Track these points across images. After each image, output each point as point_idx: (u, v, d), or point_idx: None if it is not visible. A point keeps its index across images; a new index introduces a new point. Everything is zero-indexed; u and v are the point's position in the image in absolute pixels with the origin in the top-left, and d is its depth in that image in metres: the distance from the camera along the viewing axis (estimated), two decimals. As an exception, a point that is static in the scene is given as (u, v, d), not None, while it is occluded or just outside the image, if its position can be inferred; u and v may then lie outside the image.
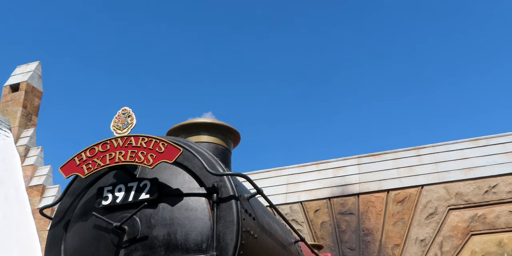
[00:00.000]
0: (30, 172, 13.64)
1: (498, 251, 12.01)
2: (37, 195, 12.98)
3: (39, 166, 13.99)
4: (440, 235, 12.57)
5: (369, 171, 14.11)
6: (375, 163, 14.19)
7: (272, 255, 4.32)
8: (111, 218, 3.90)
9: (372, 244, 13.17)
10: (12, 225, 11.45)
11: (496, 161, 12.90)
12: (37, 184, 13.33)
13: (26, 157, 14.14)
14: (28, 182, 13.46)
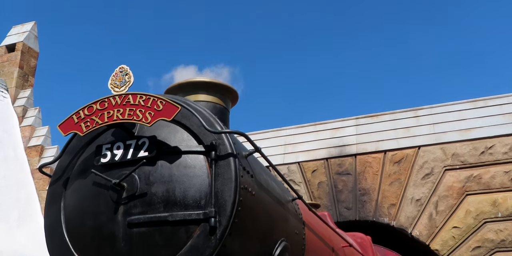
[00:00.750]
0: (28, 132, 13.66)
1: (493, 210, 12.18)
2: (35, 156, 13.04)
3: (37, 127, 14.01)
4: (435, 195, 12.71)
5: (366, 132, 14.16)
6: (372, 124, 14.24)
7: (269, 211, 4.37)
8: (110, 176, 3.93)
9: (368, 203, 13.33)
10: (11, 185, 11.55)
11: (493, 122, 12.94)
12: (36, 144, 13.38)
13: (24, 117, 14.15)
14: (27, 142, 13.50)
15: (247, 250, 4.10)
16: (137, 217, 3.77)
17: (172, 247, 3.70)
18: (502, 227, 11.97)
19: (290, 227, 4.85)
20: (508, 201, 12.10)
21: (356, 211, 13.39)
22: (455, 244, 12.26)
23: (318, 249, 5.74)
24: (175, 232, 3.72)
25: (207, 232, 3.67)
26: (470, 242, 12.14)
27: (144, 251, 3.73)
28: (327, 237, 6.31)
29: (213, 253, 3.65)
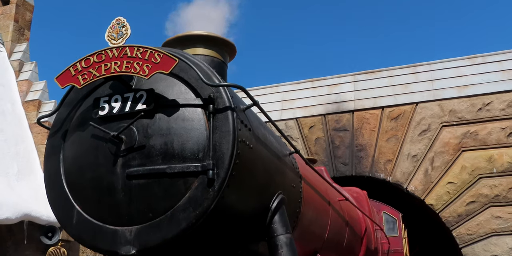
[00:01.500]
0: (25, 87, 13.61)
1: (488, 166, 12.30)
2: (33, 110, 13.03)
3: (34, 81, 13.95)
4: (432, 151, 12.81)
5: (364, 88, 14.14)
6: (370, 81, 14.20)
7: (267, 165, 4.41)
8: (108, 128, 3.94)
9: (365, 159, 13.44)
10: (10, 139, 11.58)
11: (492, 79, 12.91)
12: (33, 99, 13.35)
13: (21, 72, 14.06)
14: (24, 97, 13.47)
15: (245, 202, 4.15)
16: (136, 169, 3.80)
17: (171, 198, 3.75)
18: (497, 183, 12.12)
19: (287, 180, 4.91)
20: (503, 157, 12.21)
21: (353, 167, 13.52)
22: (449, 199, 12.44)
23: (314, 202, 5.82)
24: (174, 184, 3.76)
25: (205, 184, 3.71)
26: (465, 197, 12.32)
27: (143, 202, 3.78)
28: (324, 191, 6.38)
29: (211, 204, 3.70)
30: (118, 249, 3.79)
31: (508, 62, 12.97)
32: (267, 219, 4.42)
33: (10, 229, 10.32)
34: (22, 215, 9.88)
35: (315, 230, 5.95)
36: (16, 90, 13.36)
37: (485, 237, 12.02)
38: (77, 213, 3.98)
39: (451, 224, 12.43)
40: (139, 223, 3.78)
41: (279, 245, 4.34)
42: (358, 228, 8.20)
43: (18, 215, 9.83)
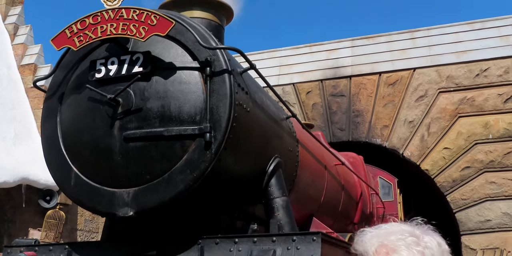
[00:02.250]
0: (20, 51, 13.49)
1: (484, 132, 12.35)
2: (29, 74, 12.96)
3: (29, 45, 13.81)
4: (428, 117, 12.83)
5: (362, 53, 14.07)
6: (368, 46, 14.11)
7: (264, 128, 4.42)
8: (105, 91, 3.93)
9: (361, 125, 13.47)
10: (6, 103, 11.55)
11: (490, 45, 12.85)
12: (29, 63, 13.25)
13: (16, 35, 13.91)
14: (19, 61, 13.36)
15: (241, 165, 4.18)
16: (133, 132, 3.81)
17: (168, 161, 3.76)
18: (492, 149, 12.19)
19: (284, 144, 4.93)
20: (499, 123, 12.25)
21: (349, 132, 13.56)
22: (445, 164, 12.53)
23: (311, 166, 5.86)
24: (171, 147, 3.77)
25: (202, 147, 3.73)
26: (460, 162, 12.41)
27: (140, 164, 3.79)
28: (320, 155, 6.42)
29: (208, 167, 3.72)
30: (116, 211, 3.83)
31: (507, 28, 12.88)
32: (263, 182, 4.45)
33: (8, 193, 10.39)
34: (20, 179, 9.93)
35: (311, 194, 6.01)
36: (12, 54, 13.24)
37: (479, 202, 12.16)
38: (75, 175, 4.00)
39: (445, 189, 12.55)
40: (137, 185, 3.81)
41: (275, 208, 4.38)
42: (354, 192, 8.27)
43: (16, 179, 9.89)
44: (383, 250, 1.77)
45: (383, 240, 1.79)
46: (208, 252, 3.81)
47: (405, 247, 1.75)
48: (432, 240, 1.76)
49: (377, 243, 1.79)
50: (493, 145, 12.23)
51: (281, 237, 3.78)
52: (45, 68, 13.36)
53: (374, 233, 1.83)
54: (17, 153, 10.53)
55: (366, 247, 1.81)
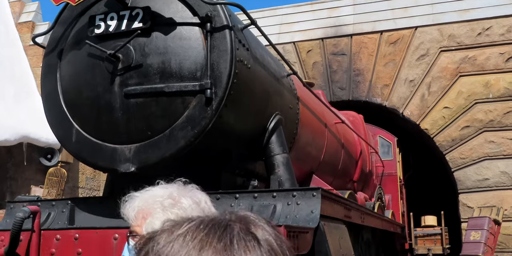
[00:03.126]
0: (18, 8, 13.32)
1: (484, 92, 12.32)
2: (27, 32, 12.82)
3: (26, 2, 13.63)
4: (429, 76, 12.78)
5: (363, 12, 13.89)
6: (370, 4, 13.92)
7: (265, 85, 4.41)
8: (104, 47, 3.90)
9: (362, 84, 13.43)
10: (5, 62, 11.47)
11: (493, 3, 12.67)
12: (26, 20, 13.10)
13: (12, -8, 13.70)
14: (17, 19, 13.21)
15: (242, 122, 4.19)
16: (134, 88, 3.80)
17: (169, 117, 3.77)
18: (492, 108, 12.19)
19: (285, 101, 4.92)
20: (500, 83, 12.21)
21: (350, 91, 13.53)
22: (444, 123, 12.54)
23: (311, 124, 5.86)
24: (172, 103, 3.77)
25: (203, 103, 3.72)
26: (460, 122, 12.42)
27: (141, 121, 3.80)
28: (321, 113, 6.42)
29: (209, 123, 3.73)
30: (117, 167, 3.86)
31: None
32: (264, 139, 4.47)
33: (9, 151, 10.44)
34: (20, 137, 9.97)
35: (311, 152, 6.04)
36: (9, 12, 13.07)
37: (478, 161, 12.24)
38: (76, 131, 4.01)
39: (444, 148, 12.61)
40: (138, 142, 3.83)
41: (276, 165, 4.41)
42: (354, 150, 8.31)
43: (17, 137, 9.93)
44: (140, 215, 1.74)
45: (143, 205, 1.75)
46: (209, 207, 3.86)
47: (160, 210, 1.71)
48: (188, 200, 1.74)
49: (137, 208, 1.76)
50: (493, 105, 12.21)
51: (281, 192, 3.83)
52: (43, 26, 13.22)
53: (139, 197, 1.80)
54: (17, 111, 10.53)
55: (129, 212, 1.80)
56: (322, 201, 3.74)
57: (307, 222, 3.59)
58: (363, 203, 7.47)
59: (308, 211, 3.67)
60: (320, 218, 3.67)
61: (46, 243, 3.36)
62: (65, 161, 10.65)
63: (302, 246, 3.35)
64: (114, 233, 3.23)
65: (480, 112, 12.27)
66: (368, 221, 6.63)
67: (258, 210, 3.75)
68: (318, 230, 3.67)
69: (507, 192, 11.90)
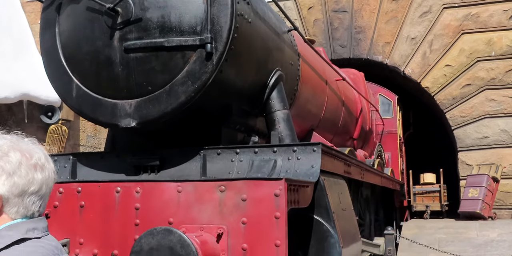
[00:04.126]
0: (14, -37, 13.05)
1: (486, 49, 12.23)
2: (24, -12, 12.60)
3: (23, -43, 13.36)
4: (431, 34, 12.66)
5: (366, -33, 13.65)
6: (373, -40, 13.67)
7: (265, 40, 4.37)
8: (103, 0, 3.83)
9: (363, 41, 13.31)
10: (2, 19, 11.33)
11: (497, -41, 12.44)
12: (23, -24, 12.87)
13: None
14: (13, -26, 12.96)
15: (243, 77, 4.17)
16: (133, 43, 3.76)
17: (169, 72, 3.75)
18: (494, 66, 12.13)
19: (285, 57, 4.89)
20: (503, 40, 12.10)
21: (351, 49, 13.42)
22: (445, 82, 12.51)
23: (312, 80, 5.84)
24: (172, 58, 3.74)
25: (203, 57, 3.70)
26: (461, 80, 12.38)
27: (141, 76, 3.78)
28: (321, 70, 6.38)
29: (210, 78, 3.71)
30: (118, 122, 3.86)
31: None
32: (265, 95, 4.46)
33: (10, 109, 10.44)
34: (20, 95, 9.94)
35: (312, 109, 6.03)
36: (5, -33, 12.82)
37: (478, 119, 12.26)
38: (76, 86, 3.99)
39: (445, 107, 12.61)
40: (138, 97, 3.82)
41: (276, 121, 4.41)
42: (354, 108, 8.31)
43: (17, 95, 9.90)
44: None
45: None
46: (210, 162, 3.89)
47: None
48: (17, 154, 1.71)
49: None
50: (495, 62, 12.14)
51: (282, 147, 3.85)
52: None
53: None
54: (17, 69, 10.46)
55: None
56: (322, 156, 3.77)
57: (307, 177, 3.62)
58: (362, 161, 7.52)
59: (308, 166, 3.70)
60: (320, 173, 3.70)
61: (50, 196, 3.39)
62: (66, 119, 10.65)
63: (303, 200, 3.39)
64: (116, 187, 3.26)
65: (481, 70, 12.21)
66: (368, 177, 6.69)
67: (259, 165, 3.77)
68: (318, 184, 3.70)
69: (506, 150, 11.97)
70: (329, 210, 3.69)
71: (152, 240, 2.75)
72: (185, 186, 3.12)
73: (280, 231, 2.93)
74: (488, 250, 8.45)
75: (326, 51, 12.25)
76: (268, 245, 2.93)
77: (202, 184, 3.10)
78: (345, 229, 3.95)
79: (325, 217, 3.69)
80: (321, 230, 3.67)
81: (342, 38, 13.47)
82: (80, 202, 3.33)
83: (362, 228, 7.68)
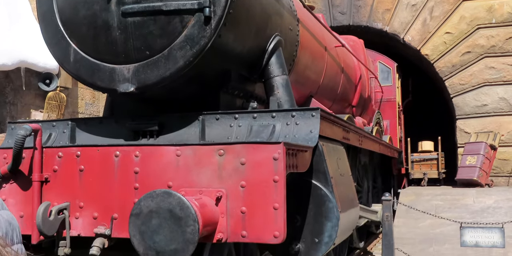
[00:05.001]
0: None
1: (487, 16, 12.12)
2: (19, -47, 12.38)
3: None
4: (431, 0, 12.53)
5: None
6: None
7: (264, 5, 4.32)
8: (100, -37, 3.78)
9: (363, 8, 13.18)
10: (-2, -16, 11.16)
11: None
12: None
13: None
14: None
15: (241, 42, 4.14)
16: (131, 7, 3.72)
17: (167, 36, 3.72)
18: (494, 33, 12.04)
19: (285, 22, 4.84)
20: (504, 7, 11.98)
21: (350, 16, 13.30)
22: (445, 49, 12.43)
23: (311, 46, 5.80)
24: (170, 22, 3.71)
25: (202, 22, 3.67)
26: (461, 47, 12.30)
27: (139, 40, 3.75)
28: (321, 36, 6.34)
29: (208, 43, 3.69)
30: (116, 87, 3.85)
31: None
32: (263, 60, 4.44)
33: (7, 76, 10.39)
34: (18, 62, 9.86)
35: (311, 75, 6.01)
36: None
37: (477, 87, 12.23)
38: (73, 51, 3.96)
39: (444, 74, 12.57)
40: (137, 61, 3.80)
41: (275, 86, 4.40)
42: (353, 75, 8.28)
43: (14, 62, 9.82)
44: None
45: None
46: (208, 128, 3.89)
47: None
48: None
49: None
50: (496, 30, 12.05)
51: (280, 113, 3.85)
52: None
53: None
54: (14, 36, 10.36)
55: None
56: (321, 122, 3.77)
57: (306, 142, 3.63)
58: (361, 128, 7.53)
59: (307, 131, 3.71)
60: (319, 139, 3.71)
61: (49, 160, 3.40)
62: (64, 86, 10.60)
63: (301, 165, 3.40)
64: (115, 151, 3.27)
65: (482, 38, 12.12)
66: (366, 144, 6.71)
67: (257, 130, 3.78)
68: (316, 150, 3.72)
69: (505, 118, 11.98)
70: (327, 175, 3.72)
71: (151, 203, 2.77)
72: (184, 150, 3.13)
73: (279, 195, 2.95)
74: (485, 216, 8.53)
75: (326, 18, 12.14)
76: (266, 208, 2.96)
77: (201, 148, 3.11)
78: (343, 194, 3.98)
79: (323, 182, 3.71)
80: (319, 195, 3.70)
81: (341, 5, 13.33)
82: (80, 166, 3.34)
83: (360, 195, 7.75)
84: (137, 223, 2.79)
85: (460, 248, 6.62)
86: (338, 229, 3.65)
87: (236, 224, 3.00)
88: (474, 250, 7.12)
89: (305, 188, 3.71)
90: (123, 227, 3.14)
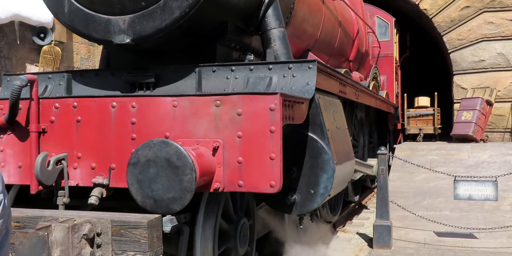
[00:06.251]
0: None
1: (488, -30, 11.92)
2: None
3: None
4: (432, -47, 12.29)
5: None
6: None
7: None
8: None
9: (362, -39, 12.93)
10: None
11: None
12: None
13: None
14: None
15: (238, -7, 4.08)
16: (125, -45, 3.65)
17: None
18: (494, -13, 11.88)
19: (282, -27, 4.76)
20: (505, -40, 11.80)
21: (349, -30, 13.06)
22: (444, 4, 12.29)
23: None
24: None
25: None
26: (460, 2, 12.16)
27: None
28: (318, -12, 6.24)
29: None
30: (112, 38, 3.81)
31: None
32: (260, 12, 4.39)
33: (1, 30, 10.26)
34: (11, 15, 9.73)
35: (308, 29, 5.95)
36: None
37: (475, 42, 12.16)
38: (68, 1, 3.90)
39: (442, 29, 12.47)
40: (132, 12, 3.75)
41: (272, 39, 4.36)
42: (351, 29, 8.20)
43: (8, 15, 9.69)
44: None
45: None
46: (205, 80, 3.89)
47: None
48: None
49: None
50: (496, -16, 11.91)
51: (277, 65, 3.83)
52: None
53: None
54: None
55: None
56: (317, 74, 3.76)
57: (302, 94, 3.63)
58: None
59: (303, 83, 3.71)
60: (316, 92, 3.71)
61: (45, 111, 3.40)
62: (59, 41, 10.50)
63: (297, 116, 3.41)
64: (112, 102, 3.27)
65: (481, -8, 11.98)
66: (363, 98, 6.71)
67: (254, 82, 3.77)
68: (313, 102, 3.72)
69: (502, 73, 11.96)
70: (323, 128, 3.73)
71: (149, 152, 2.79)
72: (180, 100, 3.13)
73: (275, 145, 2.97)
74: (479, 171, 8.63)
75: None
76: (263, 158, 2.98)
77: (198, 99, 3.11)
78: (339, 147, 4.01)
79: (320, 134, 3.73)
80: (315, 147, 3.72)
81: (340, -42, 13.08)
82: (77, 117, 3.35)
83: (356, 150, 7.81)
84: (135, 172, 2.82)
85: (454, 201, 6.71)
86: (333, 181, 3.69)
87: (232, 174, 3.03)
88: (467, 203, 7.22)
89: (301, 140, 3.73)
90: (121, 177, 3.18)
